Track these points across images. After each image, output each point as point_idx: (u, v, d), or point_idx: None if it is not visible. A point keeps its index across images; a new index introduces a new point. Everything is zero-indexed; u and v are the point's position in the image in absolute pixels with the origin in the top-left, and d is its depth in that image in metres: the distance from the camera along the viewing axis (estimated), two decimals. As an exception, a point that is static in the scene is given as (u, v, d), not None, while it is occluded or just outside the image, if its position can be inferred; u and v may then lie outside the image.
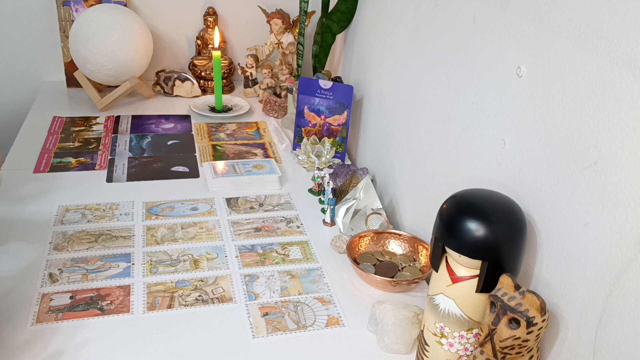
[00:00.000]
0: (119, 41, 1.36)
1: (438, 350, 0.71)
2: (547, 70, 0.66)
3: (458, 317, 0.68)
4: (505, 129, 0.74)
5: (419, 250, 0.96)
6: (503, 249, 0.64)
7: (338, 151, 1.27)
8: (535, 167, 0.68)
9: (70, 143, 1.28)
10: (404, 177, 1.07)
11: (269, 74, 1.51)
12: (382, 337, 0.79)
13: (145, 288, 0.88)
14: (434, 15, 0.94)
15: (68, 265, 0.91)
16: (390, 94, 1.14)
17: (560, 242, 0.65)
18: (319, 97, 1.25)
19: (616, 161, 0.56)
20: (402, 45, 1.07)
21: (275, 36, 1.50)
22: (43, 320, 0.80)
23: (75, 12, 1.48)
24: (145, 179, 1.16)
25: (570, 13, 0.61)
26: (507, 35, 0.73)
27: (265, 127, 1.41)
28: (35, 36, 1.51)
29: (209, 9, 1.57)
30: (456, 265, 0.67)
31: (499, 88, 0.75)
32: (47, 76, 1.56)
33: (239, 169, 1.17)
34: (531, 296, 0.60)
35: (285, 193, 1.15)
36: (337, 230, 1.04)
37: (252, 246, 0.99)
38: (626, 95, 0.55)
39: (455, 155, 0.88)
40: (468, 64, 0.83)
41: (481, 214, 0.64)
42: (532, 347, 0.62)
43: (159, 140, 1.32)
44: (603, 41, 0.57)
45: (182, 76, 1.53)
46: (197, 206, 1.08)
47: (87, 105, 1.45)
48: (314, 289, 0.90)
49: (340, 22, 1.35)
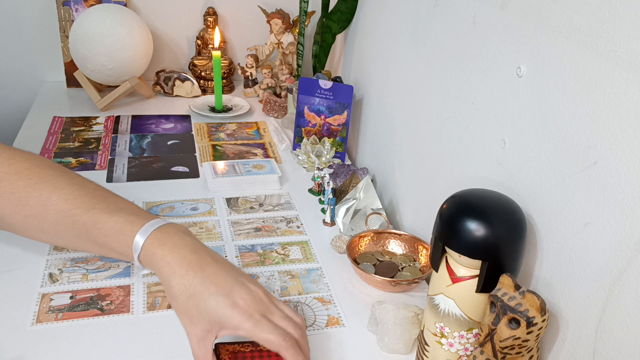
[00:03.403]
0: (119, 41, 1.36)
1: (438, 350, 0.71)
2: (547, 70, 0.66)
3: (458, 317, 0.68)
4: (505, 129, 0.74)
5: (419, 250, 0.96)
6: (503, 249, 0.64)
7: (338, 151, 1.27)
8: (535, 167, 0.68)
9: (70, 143, 1.28)
10: (404, 177, 1.08)
11: (269, 74, 1.51)
12: (382, 337, 0.79)
13: (145, 288, 0.88)
14: (434, 15, 0.94)
15: (68, 265, 0.91)
16: (390, 94, 1.14)
17: (560, 242, 0.65)
18: (319, 97, 1.25)
19: (616, 161, 0.56)
20: (402, 45, 1.07)
21: (275, 36, 1.50)
22: (43, 320, 0.80)
23: (75, 12, 1.48)
24: (145, 179, 1.16)
25: (570, 13, 0.61)
26: (507, 35, 0.73)
27: (265, 127, 1.41)
28: (35, 36, 1.51)
29: (209, 9, 1.57)
30: (456, 265, 0.67)
31: (499, 88, 0.75)
32: (47, 76, 1.56)
33: (239, 169, 1.17)
34: (531, 296, 0.60)
35: (285, 193, 1.15)
36: (337, 230, 1.05)
37: (252, 246, 0.99)
38: (626, 95, 0.55)
39: (455, 155, 0.88)
40: (468, 64, 0.83)
41: (481, 214, 0.64)
42: (532, 347, 0.62)
43: (159, 140, 1.32)
44: (603, 41, 0.57)
45: (182, 76, 1.53)
46: (197, 206, 1.08)
47: (87, 105, 1.45)
48: (314, 289, 0.90)
49: (340, 22, 1.35)
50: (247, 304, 0.67)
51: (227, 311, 0.66)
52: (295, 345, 0.67)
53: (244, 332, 0.67)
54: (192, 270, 0.68)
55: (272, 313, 0.69)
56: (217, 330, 0.67)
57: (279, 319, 0.69)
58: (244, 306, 0.67)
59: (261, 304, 0.69)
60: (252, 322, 0.66)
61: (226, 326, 0.67)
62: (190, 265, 0.68)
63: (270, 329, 0.66)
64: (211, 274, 0.68)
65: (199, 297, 0.67)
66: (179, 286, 0.68)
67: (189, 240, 0.72)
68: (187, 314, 0.67)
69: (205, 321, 0.67)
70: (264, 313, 0.68)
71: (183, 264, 0.68)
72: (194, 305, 0.67)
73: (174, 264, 0.68)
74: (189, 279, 0.68)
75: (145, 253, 0.70)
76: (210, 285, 0.68)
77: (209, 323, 0.67)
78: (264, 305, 0.69)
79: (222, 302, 0.67)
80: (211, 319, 0.67)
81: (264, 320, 0.67)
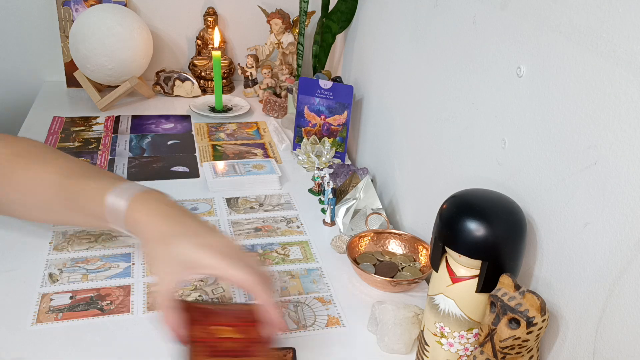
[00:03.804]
0: (119, 41, 1.36)
1: (438, 350, 0.71)
2: (547, 70, 0.66)
3: (458, 317, 0.68)
4: (505, 129, 0.74)
5: (419, 250, 0.96)
6: (503, 249, 0.64)
7: (338, 151, 1.27)
8: (535, 167, 0.68)
9: (70, 143, 1.28)
10: (404, 177, 1.08)
11: (269, 74, 1.51)
12: (382, 337, 0.79)
13: (145, 288, 0.88)
14: (434, 15, 0.94)
15: (68, 265, 0.91)
16: (390, 94, 1.14)
17: (560, 242, 0.65)
18: (319, 97, 1.25)
19: (616, 161, 0.56)
20: (402, 45, 1.07)
21: (275, 36, 1.50)
22: (43, 320, 0.80)
23: (75, 12, 1.48)
24: (145, 179, 1.16)
25: (570, 13, 0.61)
26: (507, 35, 0.73)
27: (265, 127, 1.41)
28: (35, 36, 1.51)
29: (209, 9, 1.57)
30: (456, 265, 0.67)
31: (499, 88, 0.75)
32: (47, 76, 1.56)
33: (239, 169, 1.17)
34: (531, 296, 0.60)
35: (285, 193, 1.15)
36: (337, 230, 1.05)
37: (252, 246, 0.99)
38: (626, 95, 0.55)
39: (455, 155, 0.88)
40: (468, 64, 0.83)
41: (481, 214, 0.64)
42: (532, 347, 0.62)
43: (159, 140, 1.32)
44: (603, 41, 0.57)
45: (182, 76, 1.53)
46: (197, 206, 1.08)
47: (87, 105, 1.45)
48: (314, 289, 0.90)
49: (340, 22, 1.35)
50: (220, 246, 0.69)
51: (200, 251, 0.68)
52: (267, 285, 0.69)
53: (218, 271, 0.68)
54: (169, 219, 0.72)
55: (241, 258, 0.71)
56: (188, 271, 0.69)
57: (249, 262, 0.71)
58: (217, 247, 0.69)
59: (233, 248, 0.71)
60: (227, 262, 0.68)
61: (198, 267, 0.68)
62: (168, 216, 0.72)
63: (242, 267, 0.68)
64: (187, 223, 0.72)
65: (173, 239, 0.69)
66: (155, 232, 0.71)
67: (170, 200, 0.76)
68: (158, 257, 0.69)
69: (176, 263, 0.68)
70: (234, 255, 0.70)
71: (161, 214, 0.72)
72: (165, 248, 0.69)
73: (152, 214, 0.72)
74: (165, 226, 0.71)
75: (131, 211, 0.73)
76: (186, 229, 0.70)
77: (179, 264, 0.68)
78: (235, 250, 0.71)
79: (196, 242, 0.69)
80: (182, 260, 0.68)
81: (236, 260, 0.69)
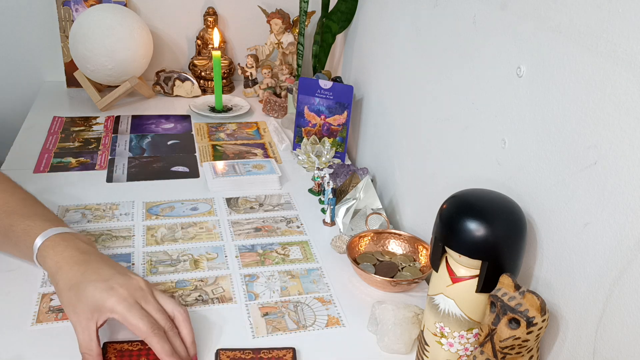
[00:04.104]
0: (119, 41, 1.36)
1: (438, 350, 0.71)
2: (547, 70, 0.66)
3: (458, 317, 0.68)
4: (505, 129, 0.74)
5: (419, 250, 0.96)
6: (503, 249, 0.64)
7: (338, 151, 1.27)
8: (535, 167, 0.68)
9: (70, 143, 1.28)
10: (404, 177, 1.08)
11: (269, 74, 1.51)
12: (382, 337, 0.79)
13: (145, 288, 0.88)
14: (434, 15, 0.94)
15: (68, 265, 0.91)
16: (390, 94, 1.14)
17: (560, 242, 0.65)
18: (319, 97, 1.25)
19: (616, 161, 0.56)
20: (402, 45, 1.07)
21: (275, 36, 1.51)
22: (43, 320, 0.80)
23: (75, 12, 1.48)
24: (145, 179, 1.16)
25: (570, 13, 0.61)
26: (507, 35, 0.73)
27: (265, 127, 1.41)
28: (35, 36, 1.51)
29: (209, 9, 1.57)
30: (456, 265, 0.67)
31: (499, 88, 0.75)
32: (47, 76, 1.56)
33: (239, 169, 1.17)
34: (531, 296, 0.60)
35: (285, 193, 1.15)
36: (337, 230, 1.05)
37: (252, 246, 0.99)
38: (626, 95, 0.55)
39: (455, 155, 0.88)
40: (468, 64, 0.83)
41: (481, 214, 0.64)
42: (532, 347, 0.62)
43: (159, 140, 1.32)
44: (603, 41, 0.57)
45: (182, 76, 1.53)
46: (197, 206, 1.08)
47: (87, 105, 1.45)
48: (314, 289, 0.90)
49: (340, 22, 1.35)
50: (123, 289, 0.71)
51: (104, 294, 0.70)
52: (163, 336, 0.70)
53: (117, 316, 0.69)
54: (76, 265, 0.73)
55: (147, 302, 0.72)
56: (97, 316, 0.70)
57: (152, 309, 0.71)
58: (119, 290, 0.70)
59: (138, 291, 0.72)
60: (125, 305, 0.69)
61: (103, 310, 0.70)
62: (76, 262, 0.74)
63: (141, 316, 0.69)
64: (94, 267, 0.74)
65: (80, 285, 0.71)
66: (64, 280, 0.73)
67: (82, 245, 0.77)
68: (70, 304, 0.71)
69: (86, 309, 0.70)
70: (138, 300, 0.71)
71: (70, 262, 0.74)
72: (75, 295, 0.71)
73: (62, 262, 0.74)
74: (73, 273, 0.73)
75: (40, 254, 0.77)
76: (91, 274, 0.72)
77: (89, 310, 0.70)
78: (140, 293, 0.72)
79: (99, 286, 0.70)
80: (91, 305, 0.70)
81: (136, 306, 0.70)
